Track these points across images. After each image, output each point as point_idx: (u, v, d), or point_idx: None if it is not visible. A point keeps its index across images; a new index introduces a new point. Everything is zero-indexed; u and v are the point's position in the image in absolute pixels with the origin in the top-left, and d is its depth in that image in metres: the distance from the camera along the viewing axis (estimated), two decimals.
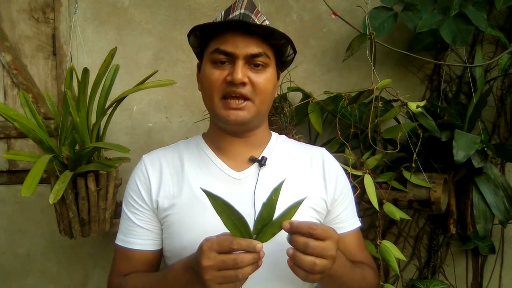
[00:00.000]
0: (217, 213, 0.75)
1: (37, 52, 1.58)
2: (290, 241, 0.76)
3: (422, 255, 1.61)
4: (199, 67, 1.00)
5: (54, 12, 1.56)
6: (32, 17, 1.57)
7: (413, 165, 1.26)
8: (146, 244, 0.96)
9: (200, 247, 0.75)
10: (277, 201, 0.76)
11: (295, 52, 0.98)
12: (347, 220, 1.01)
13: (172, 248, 0.94)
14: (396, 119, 1.42)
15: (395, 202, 1.30)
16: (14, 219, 1.62)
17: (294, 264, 0.76)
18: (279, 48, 0.94)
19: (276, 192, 0.76)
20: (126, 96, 1.31)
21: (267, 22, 0.94)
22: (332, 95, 1.39)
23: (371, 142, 1.29)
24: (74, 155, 1.23)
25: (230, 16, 0.93)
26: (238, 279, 0.74)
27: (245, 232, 0.75)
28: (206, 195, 0.74)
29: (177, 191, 0.95)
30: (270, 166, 0.97)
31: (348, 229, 1.01)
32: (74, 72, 1.33)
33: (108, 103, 1.33)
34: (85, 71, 1.22)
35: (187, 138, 1.60)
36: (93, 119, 1.32)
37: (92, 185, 1.25)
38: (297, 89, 1.45)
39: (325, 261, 0.75)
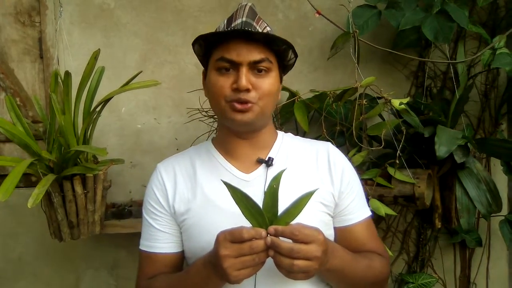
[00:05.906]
0: (236, 203, 0.81)
1: (24, 56, 1.58)
2: (274, 245, 0.79)
3: (411, 249, 1.63)
4: (205, 74, 1.03)
5: (40, 16, 1.56)
6: (18, 20, 1.57)
7: (397, 161, 1.27)
8: (168, 247, 1.01)
9: (216, 239, 0.81)
10: (278, 189, 0.82)
11: (296, 56, 1.02)
12: (356, 211, 1.03)
13: (191, 249, 0.99)
14: (381, 116, 1.43)
15: (380, 198, 1.31)
16: (5, 223, 1.62)
17: (275, 264, 0.81)
18: (281, 53, 0.97)
19: (275, 180, 0.82)
20: (112, 97, 1.31)
21: (268, 29, 0.97)
22: (317, 93, 1.40)
23: (356, 140, 1.31)
24: (59, 159, 1.24)
25: (232, 25, 0.95)
26: (256, 263, 0.79)
27: (262, 220, 0.81)
28: (226, 186, 0.82)
29: (191, 196, 0.99)
30: (278, 165, 1.00)
31: (357, 220, 1.03)
32: (59, 75, 1.33)
33: (94, 105, 1.33)
34: (67, 74, 1.23)
35: (176, 138, 1.64)
36: (80, 121, 1.32)
37: (78, 188, 1.26)
38: (283, 88, 1.46)
39: (308, 263, 0.79)
